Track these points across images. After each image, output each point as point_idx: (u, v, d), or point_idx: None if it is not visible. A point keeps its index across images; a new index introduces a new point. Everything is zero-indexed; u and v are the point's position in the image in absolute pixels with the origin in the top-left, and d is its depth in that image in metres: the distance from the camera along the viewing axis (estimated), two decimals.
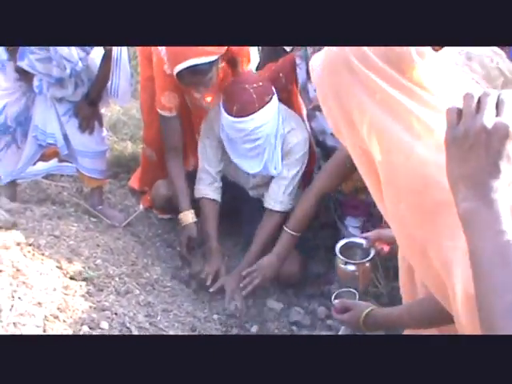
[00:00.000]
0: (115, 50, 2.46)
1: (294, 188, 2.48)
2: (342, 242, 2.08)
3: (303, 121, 2.57)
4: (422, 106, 0.94)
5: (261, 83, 2.33)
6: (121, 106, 3.57)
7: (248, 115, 2.28)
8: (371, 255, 1.98)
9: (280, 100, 2.43)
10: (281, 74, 2.52)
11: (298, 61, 2.49)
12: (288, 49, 2.69)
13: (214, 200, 2.55)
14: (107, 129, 3.13)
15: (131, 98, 2.96)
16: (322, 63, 1.06)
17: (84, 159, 2.68)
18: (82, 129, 2.60)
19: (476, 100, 0.76)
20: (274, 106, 2.35)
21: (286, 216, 2.45)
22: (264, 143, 2.39)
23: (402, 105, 0.94)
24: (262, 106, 2.29)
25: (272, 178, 2.52)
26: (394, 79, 0.95)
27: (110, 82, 2.52)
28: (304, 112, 2.59)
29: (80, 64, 2.36)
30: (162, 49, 2.36)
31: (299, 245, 2.49)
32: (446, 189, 0.81)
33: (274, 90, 2.40)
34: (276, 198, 2.46)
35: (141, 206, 2.92)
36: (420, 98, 0.95)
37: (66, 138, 2.62)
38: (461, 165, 0.76)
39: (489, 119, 0.74)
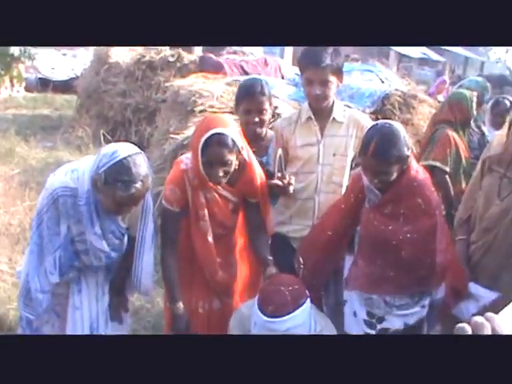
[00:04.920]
0: (138, 233, 2.37)
1: None
2: None
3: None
4: None
5: (296, 286, 2.36)
6: None
7: (281, 316, 2.27)
8: None
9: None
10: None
11: None
12: None
13: None
14: (129, 315, 2.81)
15: (156, 285, 2.77)
16: None
17: None
18: (110, 318, 2.50)
19: None
20: (306, 309, 2.37)
21: None
22: None
23: None
24: (296, 309, 2.31)
25: None
26: None
27: (132, 273, 2.44)
28: None
29: (113, 254, 2.35)
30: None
31: None
32: None
33: None
34: None
35: None
36: None
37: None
38: None
39: None
